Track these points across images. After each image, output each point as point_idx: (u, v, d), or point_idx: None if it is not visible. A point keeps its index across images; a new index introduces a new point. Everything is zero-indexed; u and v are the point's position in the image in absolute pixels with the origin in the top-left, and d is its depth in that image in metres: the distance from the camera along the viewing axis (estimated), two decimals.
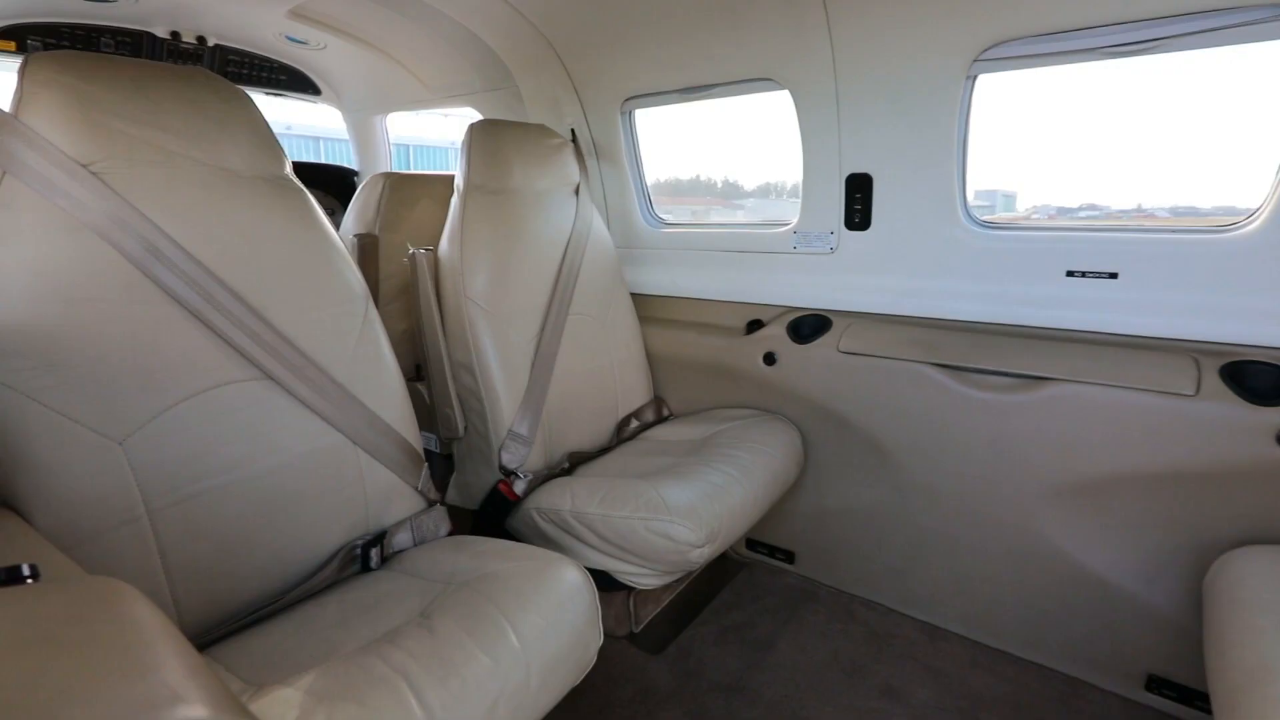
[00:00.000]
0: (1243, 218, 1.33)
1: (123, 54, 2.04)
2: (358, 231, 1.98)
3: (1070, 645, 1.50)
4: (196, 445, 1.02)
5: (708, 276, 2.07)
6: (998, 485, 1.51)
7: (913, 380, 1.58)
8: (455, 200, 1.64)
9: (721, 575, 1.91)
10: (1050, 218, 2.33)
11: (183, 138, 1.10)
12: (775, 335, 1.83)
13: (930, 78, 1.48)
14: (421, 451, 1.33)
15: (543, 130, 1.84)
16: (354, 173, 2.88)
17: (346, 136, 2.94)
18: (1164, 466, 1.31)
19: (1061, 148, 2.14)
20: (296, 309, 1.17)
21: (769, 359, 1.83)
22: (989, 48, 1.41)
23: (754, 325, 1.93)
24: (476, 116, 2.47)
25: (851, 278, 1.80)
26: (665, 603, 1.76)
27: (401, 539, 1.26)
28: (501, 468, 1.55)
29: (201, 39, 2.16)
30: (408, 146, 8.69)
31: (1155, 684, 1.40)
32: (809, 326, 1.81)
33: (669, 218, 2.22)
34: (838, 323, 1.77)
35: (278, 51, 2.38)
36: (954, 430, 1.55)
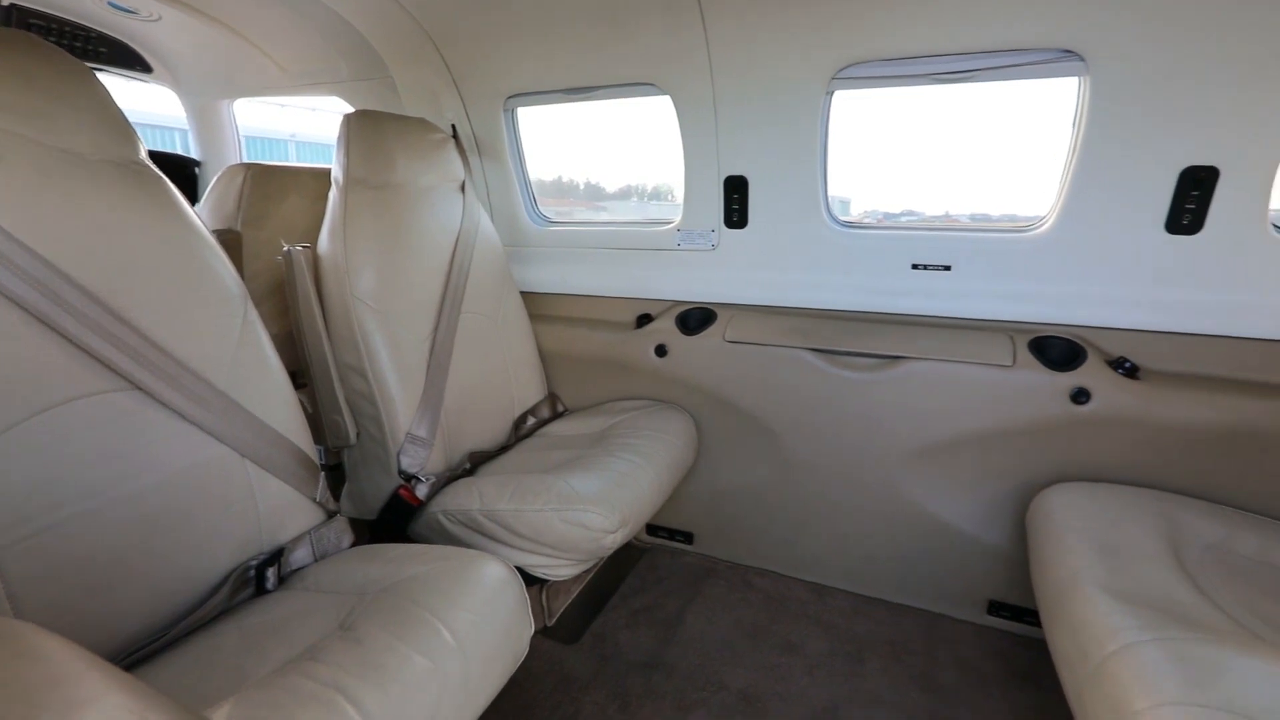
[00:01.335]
0: (1036, 222, 1.62)
1: None
2: (216, 227, 1.79)
3: (930, 585, 1.74)
4: (50, 469, 0.89)
5: (596, 273, 2.11)
6: (867, 454, 1.72)
7: (792, 365, 1.75)
8: (335, 194, 1.54)
9: (626, 562, 1.97)
10: (879, 220, 2.67)
11: (10, 113, 0.95)
12: (665, 328, 1.92)
13: (795, 91, 1.64)
14: (317, 459, 1.25)
15: (424, 124, 1.79)
16: (195, 163, 2.57)
17: (164, 122, 2.61)
18: (992, 425, 1.56)
19: (886, 160, 2.45)
20: (165, 310, 1.05)
21: (660, 351, 1.91)
22: (843, 68, 1.59)
23: (644, 319, 2.00)
24: (343, 106, 2.32)
25: (732, 272, 1.93)
26: (575, 594, 1.78)
27: (300, 555, 1.17)
28: (401, 472, 1.48)
29: None
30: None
31: (995, 608, 1.67)
32: (695, 319, 1.92)
33: (553, 215, 2.24)
34: (722, 314, 1.89)
35: (96, 19, 2.05)
36: (829, 408, 1.73)
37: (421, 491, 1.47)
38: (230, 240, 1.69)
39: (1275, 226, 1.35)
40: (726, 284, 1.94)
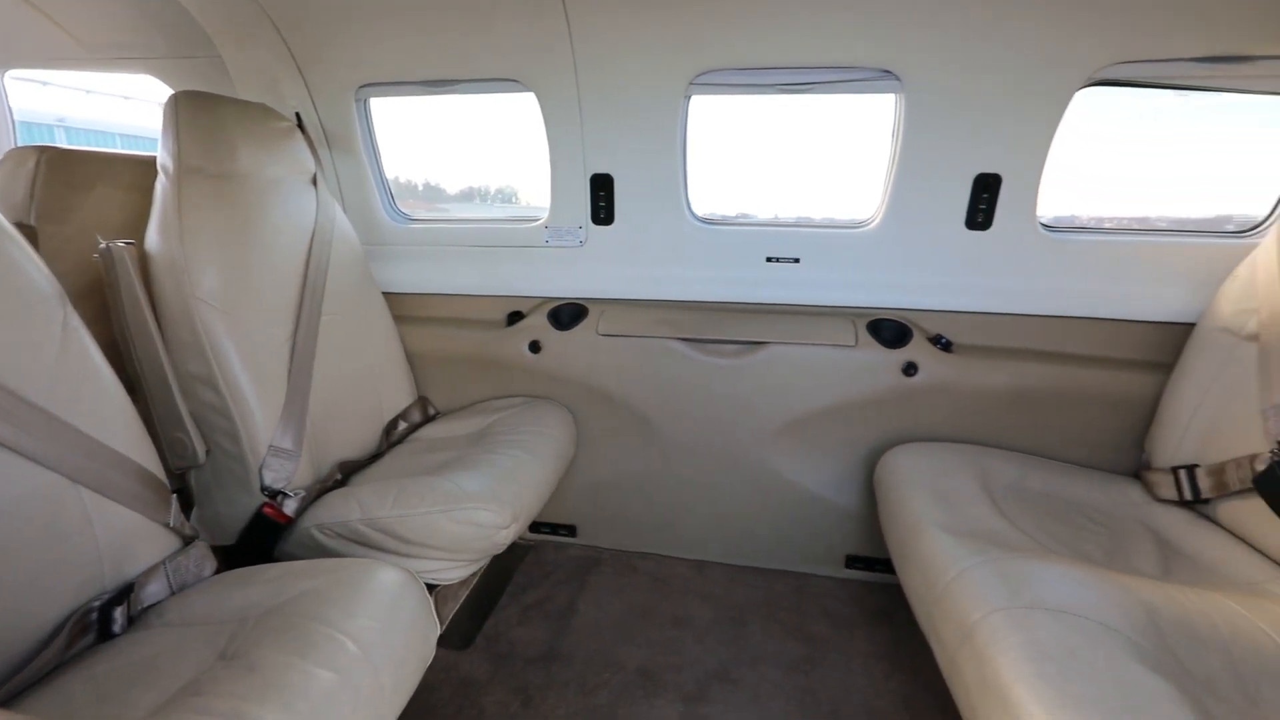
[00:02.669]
0: (867, 220, 1.85)
1: None
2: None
3: (797, 549, 1.92)
4: None
5: (462, 272, 2.06)
6: (738, 434, 1.86)
7: (663, 354, 1.84)
8: (164, 185, 1.37)
9: (511, 562, 1.96)
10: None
11: None
12: (537, 324, 1.93)
13: (656, 92, 1.73)
14: (165, 479, 1.11)
15: (266, 110, 1.63)
16: None
17: None
18: (841, 399, 1.77)
19: (729, 167, 2.63)
20: None
21: (534, 347, 1.92)
22: (700, 74, 1.70)
23: (515, 317, 1.99)
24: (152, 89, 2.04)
25: (602, 267, 1.98)
26: (463, 599, 1.73)
27: (155, 590, 1.03)
28: (265, 489, 1.35)
29: None
30: None
31: (851, 561, 1.90)
32: (568, 314, 1.95)
33: (414, 213, 2.14)
34: (594, 309, 1.94)
35: None
36: (700, 393, 1.85)
37: (290, 507, 1.35)
38: (24, 235, 1.42)
39: (1042, 225, 1.67)
40: (597, 279, 1.99)
